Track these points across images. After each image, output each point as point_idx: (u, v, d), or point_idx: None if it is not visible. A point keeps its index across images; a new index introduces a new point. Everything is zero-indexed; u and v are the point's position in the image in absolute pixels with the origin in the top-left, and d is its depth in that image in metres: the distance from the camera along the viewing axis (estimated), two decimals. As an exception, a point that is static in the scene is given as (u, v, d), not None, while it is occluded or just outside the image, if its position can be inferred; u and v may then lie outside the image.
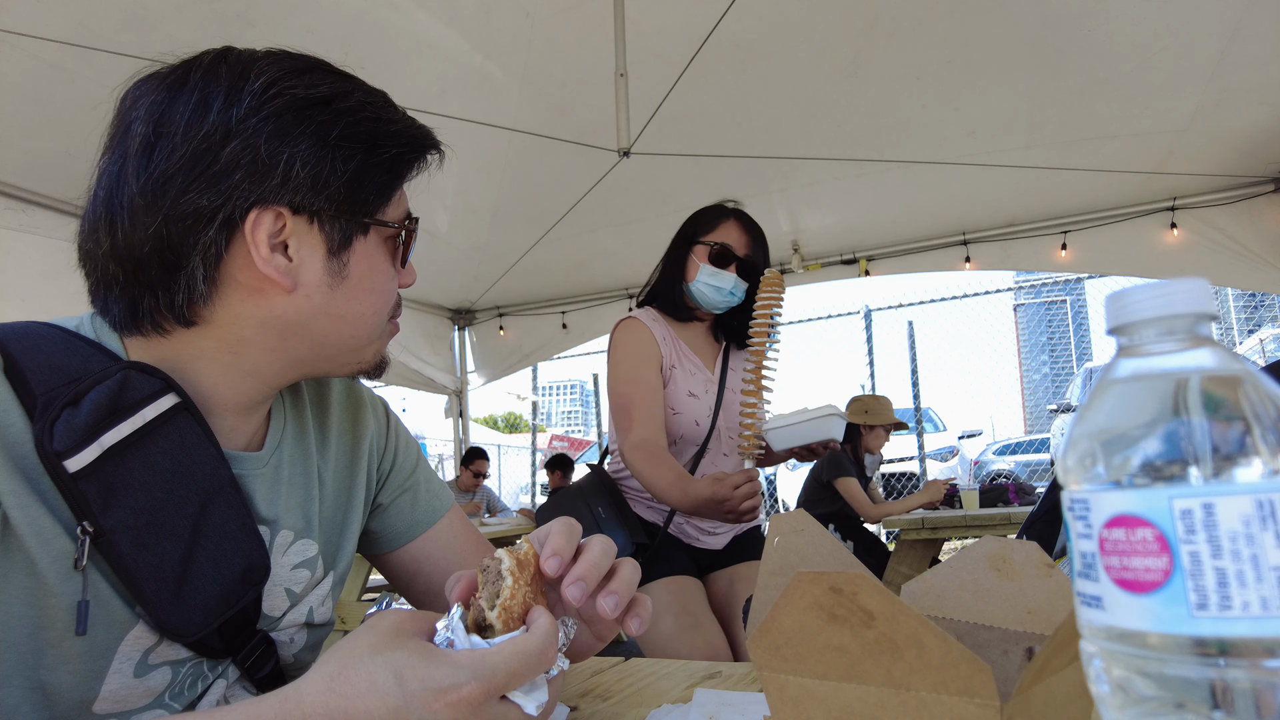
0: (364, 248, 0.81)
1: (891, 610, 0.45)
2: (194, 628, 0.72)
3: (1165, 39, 3.41)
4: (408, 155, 0.82)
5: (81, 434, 0.67)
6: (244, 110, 0.72)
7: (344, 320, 0.81)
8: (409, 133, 0.82)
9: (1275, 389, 0.44)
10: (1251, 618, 0.41)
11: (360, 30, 3.07)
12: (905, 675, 0.45)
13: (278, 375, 0.83)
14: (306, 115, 0.74)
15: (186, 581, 0.72)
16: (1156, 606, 0.44)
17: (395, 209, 0.83)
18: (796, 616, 0.47)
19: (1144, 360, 0.49)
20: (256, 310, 0.78)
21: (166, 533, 0.71)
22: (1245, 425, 0.44)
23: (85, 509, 0.67)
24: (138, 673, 0.72)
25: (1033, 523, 1.65)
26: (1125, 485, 0.47)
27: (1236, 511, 0.42)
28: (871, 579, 0.46)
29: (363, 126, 0.78)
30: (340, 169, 0.76)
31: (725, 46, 3.30)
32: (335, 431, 0.97)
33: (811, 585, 0.46)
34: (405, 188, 0.85)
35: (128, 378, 0.72)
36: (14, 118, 3.21)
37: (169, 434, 0.74)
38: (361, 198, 0.79)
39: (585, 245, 5.43)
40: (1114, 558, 0.46)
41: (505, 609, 0.61)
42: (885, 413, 4.72)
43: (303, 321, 0.80)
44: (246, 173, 0.72)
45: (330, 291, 0.79)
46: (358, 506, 0.97)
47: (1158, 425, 0.46)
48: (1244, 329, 10.07)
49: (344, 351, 0.84)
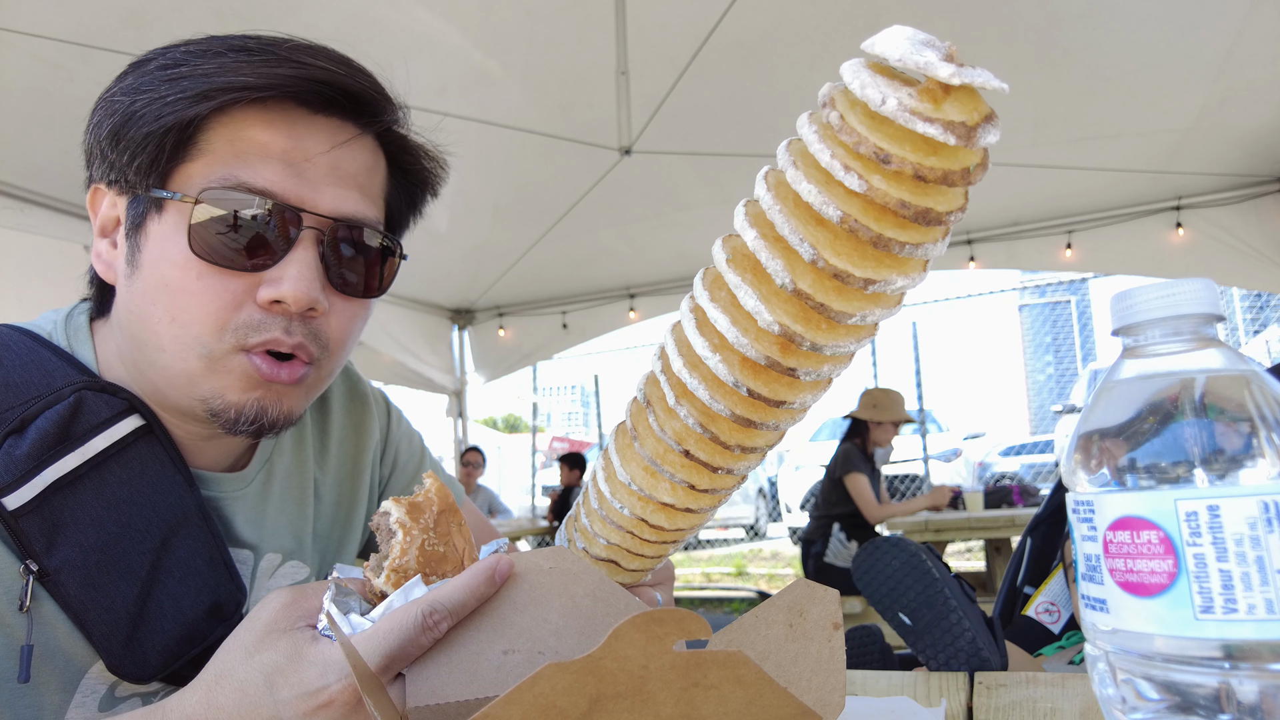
0: (158, 228, 0.66)
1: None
2: (149, 670, 0.66)
3: (1171, 37, 3.40)
4: (170, 97, 0.64)
5: (22, 467, 0.61)
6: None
7: (146, 325, 0.67)
8: (198, 73, 0.65)
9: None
10: (1257, 620, 0.40)
11: (360, 28, 3.06)
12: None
13: (162, 404, 0.70)
14: (117, 82, 0.69)
15: (143, 622, 0.66)
16: (1161, 610, 0.43)
17: (196, 178, 0.65)
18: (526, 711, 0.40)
19: (1149, 361, 0.49)
20: (115, 307, 0.72)
21: (120, 570, 0.65)
22: (1251, 427, 0.43)
23: (28, 547, 0.61)
24: (103, 707, 0.67)
25: (1037, 525, 1.64)
26: (1130, 487, 0.46)
27: (1242, 514, 0.41)
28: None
29: (144, 78, 0.67)
30: (105, 125, 0.67)
31: (727, 44, 3.28)
32: (336, 438, 0.91)
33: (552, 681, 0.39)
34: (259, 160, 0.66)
35: (82, 401, 0.66)
36: (13, 117, 3.20)
37: (128, 461, 0.67)
38: (139, 157, 0.65)
39: (586, 245, 5.42)
40: (1119, 560, 0.45)
41: (397, 570, 0.54)
42: (894, 408, 4.71)
43: (126, 325, 0.69)
44: (84, 153, 0.72)
45: (129, 284, 0.68)
46: (359, 520, 0.93)
47: (1162, 427, 0.45)
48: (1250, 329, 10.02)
49: (171, 376, 0.67)
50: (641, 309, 6.32)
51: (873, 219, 0.41)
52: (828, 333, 0.45)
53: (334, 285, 0.70)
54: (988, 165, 0.42)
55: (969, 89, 0.40)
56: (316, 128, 0.69)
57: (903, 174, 0.40)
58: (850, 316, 0.44)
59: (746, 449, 0.51)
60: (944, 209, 0.42)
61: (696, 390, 0.49)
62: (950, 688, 0.80)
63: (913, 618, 1.26)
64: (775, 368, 0.46)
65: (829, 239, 0.43)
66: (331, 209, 0.68)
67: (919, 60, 0.38)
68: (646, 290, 6.30)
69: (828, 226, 0.43)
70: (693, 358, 0.49)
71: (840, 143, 0.42)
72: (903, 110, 0.39)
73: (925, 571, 1.26)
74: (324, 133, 0.69)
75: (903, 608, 1.26)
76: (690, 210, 4.99)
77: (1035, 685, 0.78)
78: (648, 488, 0.54)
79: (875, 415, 4.67)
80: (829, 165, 0.41)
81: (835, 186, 0.42)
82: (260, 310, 0.66)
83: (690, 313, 0.50)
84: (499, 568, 0.53)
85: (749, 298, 0.45)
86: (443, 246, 5.16)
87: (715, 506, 0.56)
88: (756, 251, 0.45)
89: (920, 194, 0.41)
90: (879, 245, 0.42)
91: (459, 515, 0.59)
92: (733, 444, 0.51)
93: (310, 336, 0.68)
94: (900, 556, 1.29)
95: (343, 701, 0.49)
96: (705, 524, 0.59)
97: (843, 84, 0.43)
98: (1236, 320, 10.37)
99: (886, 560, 1.30)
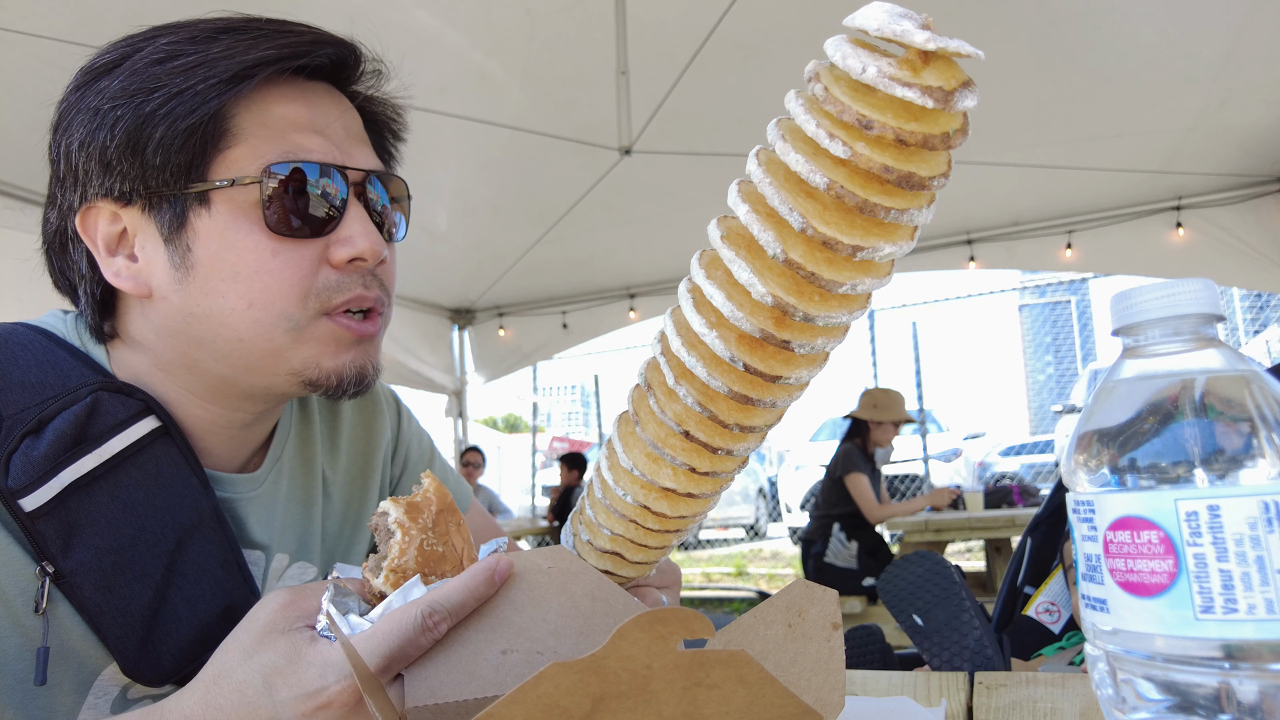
0: (210, 223, 0.66)
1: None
2: (163, 674, 0.66)
3: (1171, 37, 3.40)
4: (197, 87, 0.63)
5: (40, 469, 0.61)
6: (55, 119, 0.70)
7: (213, 321, 0.67)
8: (212, 59, 0.64)
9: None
10: (1257, 620, 0.40)
11: (359, 28, 3.06)
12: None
13: (221, 394, 0.72)
14: (82, 94, 0.67)
15: (157, 624, 0.66)
16: (1162, 610, 0.43)
17: (242, 161, 0.66)
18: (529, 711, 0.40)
19: (1149, 361, 0.49)
20: (148, 322, 0.71)
21: (135, 573, 0.65)
22: (1251, 427, 0.43)
23: (45, 549, 0.62)
24: (115, 709, 0.67)
25: (1037, 525, 1.64)
26: (1130, 487, 0.46)
27: (1242, 514, 0.41)
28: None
29: (139, 77, 0.65)
30: (108, 138, 0.65)
31: (727, 44, 3.29)
32: (346, 438, 0.91)
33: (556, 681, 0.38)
34: (292, 129, 0.67)
35: (99, 402, 0.66)
36: (13, 116, 3.20)
37: (144, 463, 0.68)
38: (172, 159, 0.64)
39: (586, 244, 5.42)
40: (1119, 560, 0.45)
41: (396, 570, 0.54)
42: (895, 408, 4.72)
43: (179, 330, 0.69)
44: (55, 181, 0.71)
45: (182, 288, 0.68)
46: (369, 518, 0.94)
47: (1163, 427, 0.45)
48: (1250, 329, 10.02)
49: (253, 360, 0.69)
50: (641, 309, 6.32)
51: (858, 185, 0.43)
52: (820, 303, 0.47)
53: (383, 234, 0.74)
54: (967, 131, 0.44)
55: (946, 59, 0.42)
56: (320, 93, 0.73)
57: (884, 139, 0.42)
58: (841, 285, 0.46)
59: (745, 428, 0.53)
60: (926, 174, 0.43)
61: (695, 369, 0.50)
62: (950, 688, 0.80)
63: (925, 618, 1.31)
64: (770, 340, 0.47)
65: (817, 209, 0.45)
66: (364, 165, 0.72)
67: (896, 29, 0.40)
68: (646, 290, 6.31)
69: (816, 196, 0.45)
70: (690, 337, 0.51)
71: (825, 113, 0.44)
72: (882, 77, 0.41)
73: (948, 578, 1.33)
74: (326, 97, 0.73)
75: (918, 609, 1.33)
76: (690, 210, 4.99)
77: (1035, 685, 0.78)
78: (650, 473, 0.55)
79: (875, 415, 4.68)
80: (815, 134, 0.44)
81: (821, 155, 0.44)
82: (335, 271, 0.69)
83: (688, 293, 0.51)
84: (499, 568, 0.53)
85: (743, 271, 0.47)
86: (442, 246, 5.16)
87: (716, 492, 0.58)
88: (749, 225, 0.47)
89: (903, 159, 0.43)
90: (865, 211, 0.44)
91: (458, 515, 0.59)
92: (731, 423, 0.52)
93: (380, 287, 0.73)
94: (926, 565, 1.37)
95: (342, 702, 0.49)
96: (706, 514, 0.61)
97: (827, 60, 0.45)
98: (1236, 320, 10.36)
99: (913, 569, 1.38)
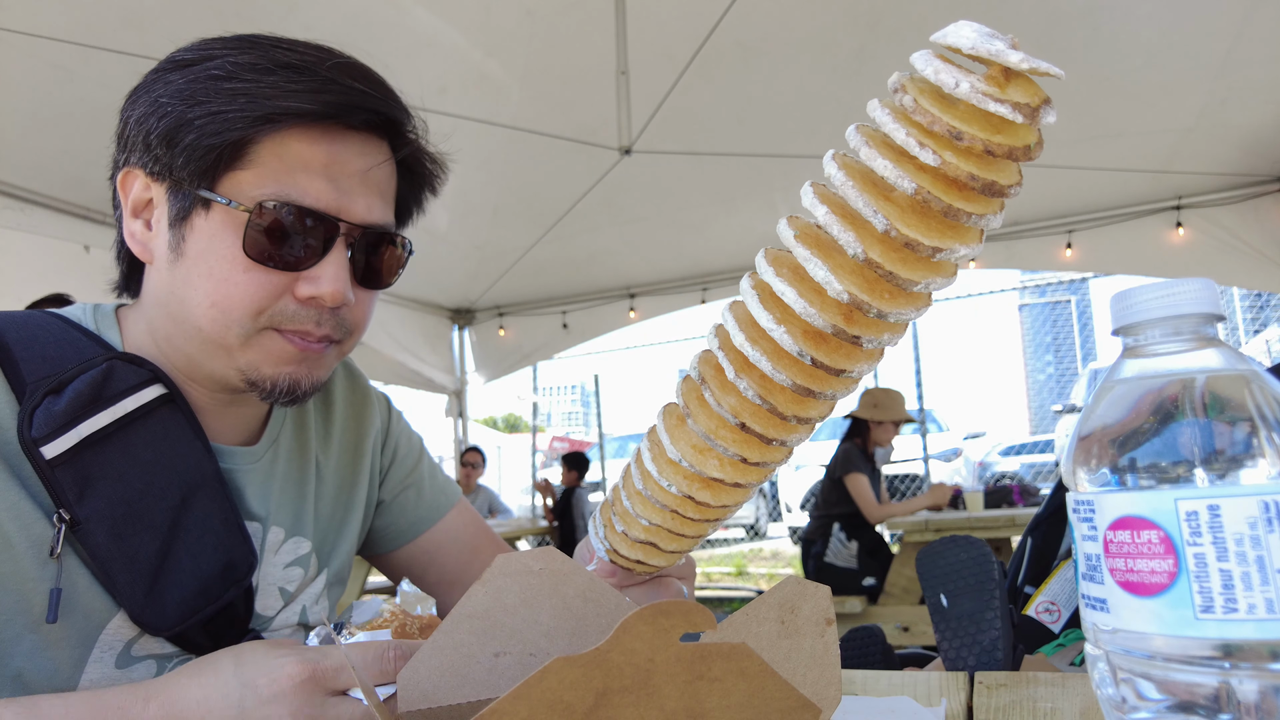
0: (205, 224, 0.73)
1: None
2: (169, 622, 0.72)
3: (1171, 37, 3.40)
4: (230, 114, 0.70)
5: (60, 421, 0.68)
6: (133, 89, 0.76)
7: (185, 306, 0.74)
8: (255, 93, 0.70)
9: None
10: (1257, 620, 0.40)
11: (359, 28, 3.06)
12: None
13: (193, 374, 0.78)
14: (159, 77, 0.74)
15: (163, 574, 0.72)
16: (1162, 609, 0.43)
17: (246, 186, 0.72)
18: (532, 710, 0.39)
19: (1149, 361, 0.49)
20: (150, 286, 0.79)
21: (144, 524, 0.71)
22: (1251, 426, 0.43)
23: (62, 497, 0.68)
24: (120, 664, 0.72)
25: (1037, 524, 1.64)
26: (1130, 487, 0.46)
27: (1242, 513, 0.41)
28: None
29: (196, 85, 0.71)
30: (155, 124, 0.72)
31: (727, 44, 3.29)
32: (339, 426, 0.96)
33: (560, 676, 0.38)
34: (301, 173, 0.72)
35: (113, 368, 0.73)
36: (13, 117, 3.21)
37: (152, 425, 0.74)
38: (193, 163, 0.71)
39: (586, 244, 5.42)
40: (1119, 560, 0.45)
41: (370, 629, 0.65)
42: (895, 408, 4.71)
43: (164, 301, 0.77)
44: (116, 138, 0.77)
45: (171, 269, 0.75)
46: (359, 504, 0.96)
47: (1163, 427, 0.45)
48: (1250, 329, 10.02)
49: (209, 350, 0.75)
50: (641, 309, 6.32)
51: (943, 191, 0.46)
52: (892, 300, 0.49)
53: (358, 281, 0.78)
54: (1043, 144, 0.47)
55: (1024, 76, 0.45)
56: (350, 142, 0.76)
57: (973, 149, 0.45)
58: (915, 284, 0.48)
59: (801, 419, 0.55)
60: (1006, 182, 0.47)
61: (759, 362, 0.52)
62: (950, 687, 0.80)
63: (952, 601, 1.29)
64: (840, 335, 0.50)
65: (898, 211, 0.47)
66: (363, 218, 0.76)
67: (990, 49, 0.43)
68: (646, 290, 6.31)
69: (897, 201, 0.48)
70: (755, 332, 0.53)
71: (914, 123, 0.46)
72: (975, 92, 0.44)
73: (988, 572, 1.31)
74: (356, 146, 0.77)
75: (947, 590, 1.31)
76: (690, 210, 4.99)
77: (1035, 685, 0.78)
78: (697, 464, 0.57)
79: (875, 415, 4.68)
80: (904, 143, 0.46)
81: (908, 162, 0.47)
82: (296, 302, 0.74)
83: (753, 289, 0.53)
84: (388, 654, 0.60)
85: (818, 269, 0.49)
86: (443, 246, 5.16)
87: (759, 483, 0.60)
88: (828, 226, 0.49)
89: (987, 168, 0.46)
90: (949, 215, 0.47)
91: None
92: (789, 414, 0.54)
93: (335, 325, 0.77)
94: (971, 552, 1.35)
95: (292, 677, 0.57)
96: (742, 505, 0.63)
97: (910, 73, 0.48)
98: (1236, 320, 10.36)
99: (957, 552, 1.36)
